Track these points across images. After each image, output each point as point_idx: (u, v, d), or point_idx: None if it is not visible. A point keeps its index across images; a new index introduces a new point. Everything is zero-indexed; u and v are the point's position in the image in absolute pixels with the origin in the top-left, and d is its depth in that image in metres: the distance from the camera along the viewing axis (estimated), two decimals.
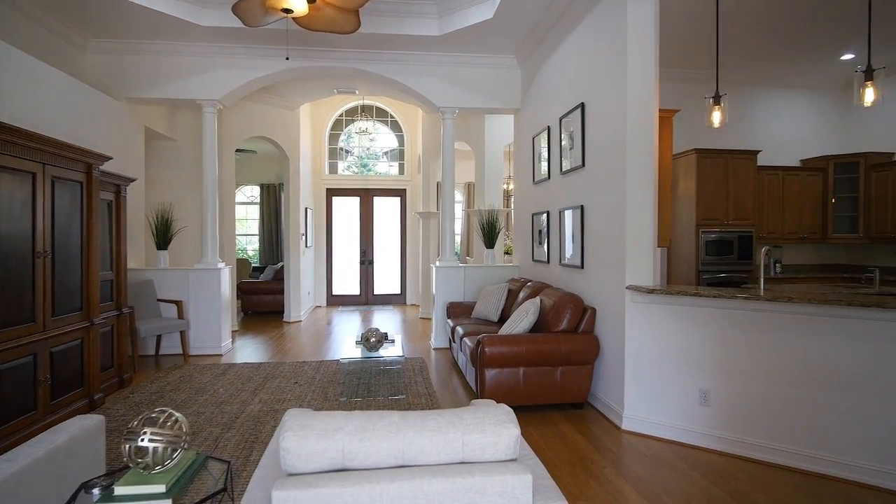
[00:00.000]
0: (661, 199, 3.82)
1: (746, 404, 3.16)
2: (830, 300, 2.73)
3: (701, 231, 6.37)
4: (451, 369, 5.37)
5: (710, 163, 6.41)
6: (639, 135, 3.59)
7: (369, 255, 10.54)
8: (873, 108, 7.06)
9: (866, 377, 2.80)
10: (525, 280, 5.59)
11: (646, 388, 3.55)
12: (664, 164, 3.84)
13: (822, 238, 7.04)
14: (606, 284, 3.92)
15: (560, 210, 4.90)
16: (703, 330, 3.30)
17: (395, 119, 10.60)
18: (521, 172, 6.55)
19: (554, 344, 3.87)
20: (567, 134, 4.73)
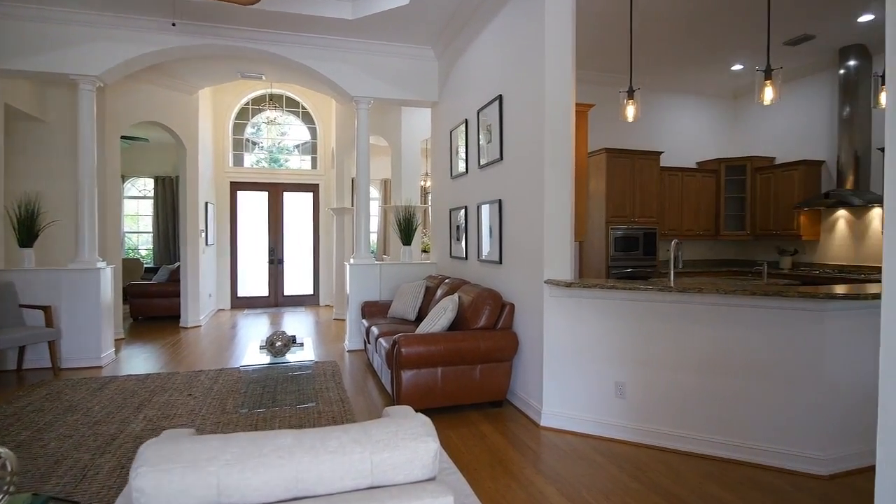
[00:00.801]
0: (577, 192, 3.82)
1: (659, 395, 3.21)
2: (737, 290, 2.82)
3: (610, 227, 6.59)
4: (367, 372, 5.10)
5: (618, 162, 6.65)
6: (556, 127, 3.55)
7: (279, 254, 9.91)
8: (757, 117, 7.73)
9: (768, 363, 2.93)
10: (443, 277, 5.45)
11: (564, 382, 3.52)
12: (580, 158, 3.85)
13: (715, 235, 7.57)
14: (525, 279, 3.86)
15: (478, 205, 4.79)
16: (618, 322, 3.32)
17: (307, 110, 10.06)
18: (438, 167, 6.41)
19: (473, 341, 3.74)
20: (485, 127, 4.63)
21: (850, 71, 6.20)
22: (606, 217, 6.59)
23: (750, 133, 7.84)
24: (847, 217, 6.47)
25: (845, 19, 5.46)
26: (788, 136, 7.23)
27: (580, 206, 3.87)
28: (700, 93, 7.86)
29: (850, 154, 6.20)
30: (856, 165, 6.17)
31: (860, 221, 6.32)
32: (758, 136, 7.70)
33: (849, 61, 6.20)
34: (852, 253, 6.40)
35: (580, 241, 4.95)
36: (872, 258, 6.17)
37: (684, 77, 7.36)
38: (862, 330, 2.90)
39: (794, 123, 7.16)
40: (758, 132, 7.70)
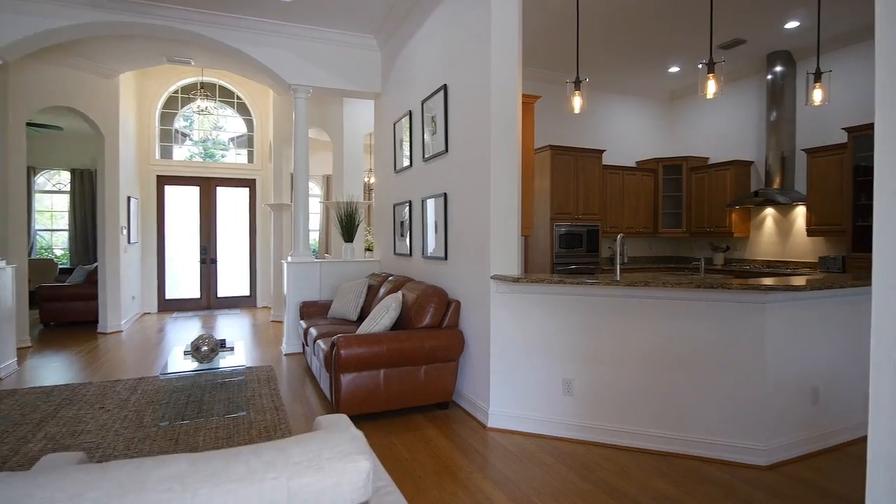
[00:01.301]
0: (524, 185, 3.73)
1: (607, 391, 3.16)
2: (683, 283, 2.80)
3: (555, 224, 6.60)
4: (305, 376, 4.80)
5: (562, 160, 6.67)
6: (503, 117, 3.44)
7: (212, 253, 9.32)
8: (692, 118, 8.01)
9: (712, 355, 2.93)
10: (387, 275, 5.23)
11: (511, 381, 3.40)
12: (527, 150, 3.76)
13: (653, 232, 7.77)
14: (471, 275, 3.72)
15: (423, 199, 4.62)
16: (566, 318, 3.24)
17: (242, 101, 9.53)
18: (381, 161, 6.18)
19: (417, 341, 3.56)
20: (429, 119, 4.47)
21: (776, 76, 6.51)
22: (551, 214, 6.59)
23: (685, 134, 8.12)
24: (774, 215, 6.79)
25: (773, 25, 5.71)
26: (720, 138, 7.53)
27: (527, 200, 3.78)
28: (639, 94, 8.06)
29: (777, 155, 6.51)
30: (782, 166, 6.48)
31: (786, 219, 6.66)
32: (692, 137, 7.99)
33: (775, 67, 6.51)
34: (779, 249, 6.73)
35: (527, 235, 4.88)
36: (797, 254, 6.51)
37: (624, 78, 7.51)
38: (798, 321, 2.96)
39: (725, 125, 7.46)
40: (692, 133, 7.99)
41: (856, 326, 3.21)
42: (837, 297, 3.12)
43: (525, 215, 3.77)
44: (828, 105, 6.16)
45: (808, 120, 6.39)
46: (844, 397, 3.18)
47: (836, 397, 3.14)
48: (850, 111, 5.93)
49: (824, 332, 3.07)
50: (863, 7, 5.21)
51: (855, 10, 5.29)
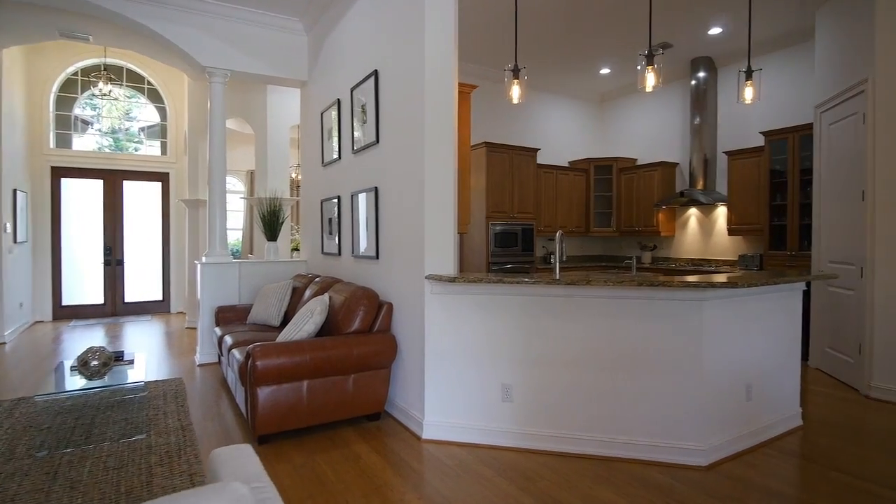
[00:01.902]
0: (460, 178, 3.52)
1: (547, 395, 3.01)
2: (624, 281, 2.69)
3: (490, 223, 6.48)
4: (221, 390, 4.34)
5: (498, 157, 6.56)
6: (438, 106, 3.21)
7: (117, 253, 8.43)
8: (621, 120, 8.19)
9: (652, 355, 2.85)
10: (313, 276, 4.86)
11: (447, 388, 3.18)
12: (463, 142, 3.55)
13: (585, 231, 7.87)
14: (404, 276, 3.46)
15: (352, 194, 4.30)
16: (505, 319, 3.06)
17: (154, 87, 8.71)
18: (308, 155, 5.77)
19: (345, 348, 3.25)
20: (359, 107, 4.16)
21: (699, 82, 6.75)
22: (487, 212, 6.46)
23: (615, 135, 8.29)
24: (698, 215, 7.05)
25: (697, 31, 5.88)
26: (648, 140, 7.74)
27: (464, 195, 3.58)
28: (571, 95, 8.14)
29: (700, 157, 6.74)
30: (705, 168, 6.73)
31: (708, 219, 6.92)
32: (622, 138, 8.17)
33: (699, 73, 6.75)
34: (702, 247, 6.99)
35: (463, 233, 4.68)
36: (719, 252, 6.78)
37: (558, 78, 7.54)
38: (733, 318, 2.95)
39: (652, 128, 7.67)
40: (622, 135, 8.17)
41: (783, 321, 3.27)
42: (767, 293, 3.15)
43: (462, 211, 3.57)
44: (746, 110, 6.45)
45: (728, 124, 6.68)
46: (774, 392, 3.22)
47: (766, 392, 3.17)
48: (767, 116, 6.24)
49: (755, 329, 3.08)
50: (778, 18, 5.47)
51: (772, 21, 5.55)
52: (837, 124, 4.55)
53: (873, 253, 4.01)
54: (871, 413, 3.66)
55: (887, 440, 3.16)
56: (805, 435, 3.24)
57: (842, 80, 4.48)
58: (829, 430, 3.31)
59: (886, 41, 3.91)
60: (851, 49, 4.33)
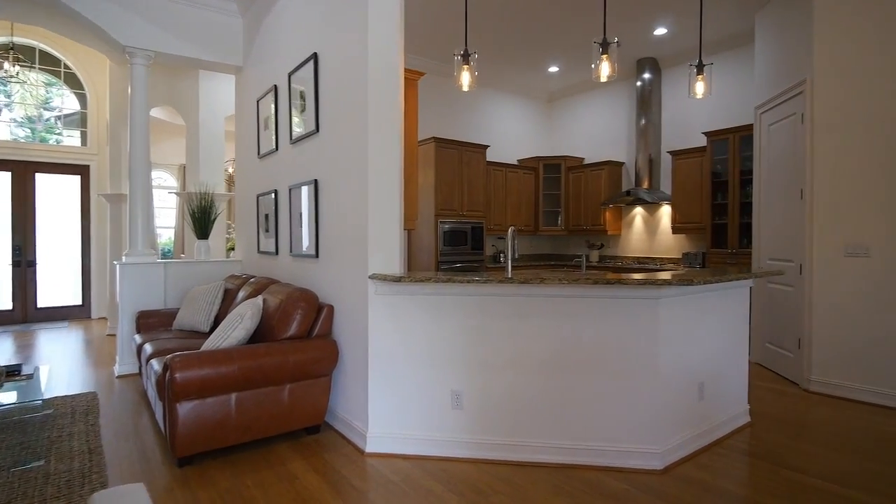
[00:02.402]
0: (407, 171, 3.29)
1: (500, 401, 2.83)
2: (580, 280, 2.55)
3: (439, 221, 6.28)
4: (141, 404, 3.90)
5: (447, 153, 6.38)
6: (382, 92, 2.96)
7: (28, 254, 7.61)
8: (569, 119, 8.20)
9: (608, 356, 2.73)
10: (248, 276, 4.48)
11: (393, 397, 2.94)
12: (409, 132, 3.33)
13: (534, 230, 7.82)
14: (346, 275, 3.19)
15: (290, 188, 3.98)
16: (454, 321, 2.86)
17: (72, 71, 7.93)
18: (244, 146, 5.36)
19: (280, 356, 2.95)
20: (298, 94, 3.85)
21: (645, 83, 6.83)
22: (435, 210, 6.26)
23: (563, 134, 8.30)
24: (643, 213, 7.14)
25: (643, 31, 5.93)
26: (595, 139, 7.79)
27: (410, 188, 3.35)
28: (520, 92, 8.08)
29: (646, 157, 6.83)
30: (650, 167, 6.82)
31: (653, 217, 7.02)
32: (570, 137, 8.19)
33: (644, 74, 6.83)
34: (647, 245, 7.08)
35: (410, 229, 4.43)
36: (663, 250, 6.89)
37: (507, 75, 7.45)
38: (686, 316, 2.88)
39: (599, 127, 7.73)
40: (570, 134, 8.19)
41: (732, 318, 3.25)
42: (718, 290, 3.12)
43: (409, 206, 3.35)
44: (690, 111, 6.58)
45: (673, 124, 6.80)
46: (724, 389, 3.20)
47: (717, 390, 3.13)
48: (710, 117, 6.38)
49: (707, 326, 3.04)
50: (719, 21, 5.58)
51: (713, 24, 5.66)
52: (777, 125, 4.66)
53: (812, 250, 4.11)
54: (813, 407, 3.73)
55: (831, 435, 3.20)
56: (754, 432, 3.23)
57: (781, 81, 4.59)
58: (776, 427, 3.32)
59: (824, 43, 4.01)
60: (790, 51, 4.44)
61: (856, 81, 3.86)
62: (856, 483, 2.56)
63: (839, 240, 3.96)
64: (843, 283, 3.94)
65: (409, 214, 3.33)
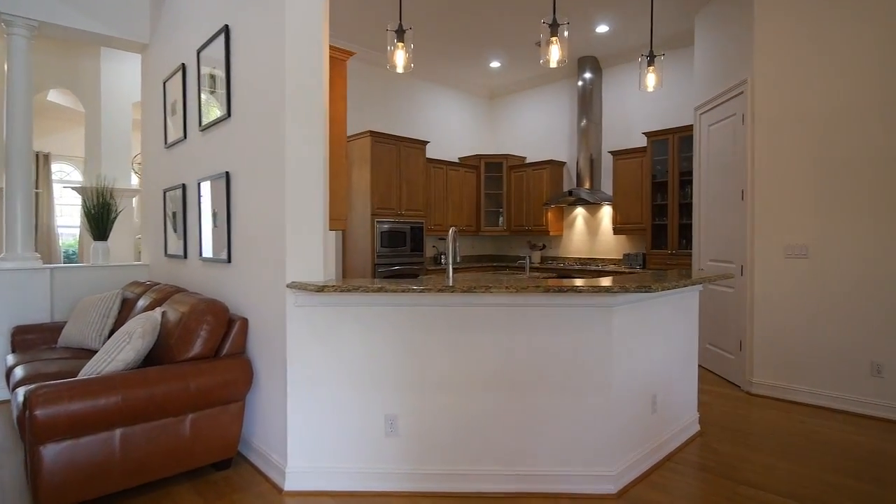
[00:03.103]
0: (333, 163, 2.89)
1: (439, 425, 2.50)
2: (529, 287, 2.26)
3: (376, 221, 5.88)
4: (13, 438, 3.25)
5: (384, 148, 5.99)
6: (303, 69, 2.55)
7: None
8: (510, 117, 8.00)
9: (559, 371, 2.46)
10: (152, 284, 3.90)
11: (317, 425, 2.54)
12: (337, 119, 2.92)
13: (476, 230, 7.58)
14: (263, 284, 2.75)
15: (199, 181, 3.46)
16: (388, 335, 2.49)
17: None
18: (150, 134, 4.73)
19: (178, 381, 2.47)
20: (207, 73, 3.34)
21: (586, 83, 6.74)
22: (372, 209, 5.86)
23: (505, 132, 8.12)
24: (584, 214, 7.07)
25: (585, 28, 5.80)
26: (537, 138, 7.65)
27: (339, 183, 2.95)
28: (461, 88, 7.81)
29: (587, 157, 6.74)
30: (591, 167, 6.74)
31: (594, 218, 6.96)
32: (511, 135, 8.01)
33: (585, 73, 6.74)
34: (589, 246, 7.01)
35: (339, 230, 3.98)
36: (604, 251, 6.83)
37: (447, 69, 7.15)
38: (639, 323, 2.67)
39: (541, 126, 7.59)
40: (511, 132, 8.01)
41: (683, 323, 3.10)
42: (672, 295, 2.94)
43: (337, 203, 2.94)
44: (630, 111, 6.55)
45: (613, 124, 6.75)
46: (676, 399, 3.03)
47: (669, 401, 2.96)
48: (650, 117, 6.37)
49: (660, 333, 2.85)
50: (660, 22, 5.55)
51: (655, 24, 5.62)
52: (717, 125, 4.63)
53: (752, 251, 4.08)
54: (758, 411, 3.67)
55: (781, 444, 3.11)
56: (705, 442, 3.09)
57: (721, 82, 4.56)
58: (726, 436, 3.20)
59: (764, 44, 3.98)
60: (730, 51, 4.41)
61: (795, 82, 3.85)
62: (818, 498, 2.44)
63: (779, 241, 3.94)
64: (783, 284, 3.92)
65: (338, 213, 2.93)
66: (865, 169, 3.54)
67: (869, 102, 3.52)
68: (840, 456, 2.91)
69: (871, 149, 3.51)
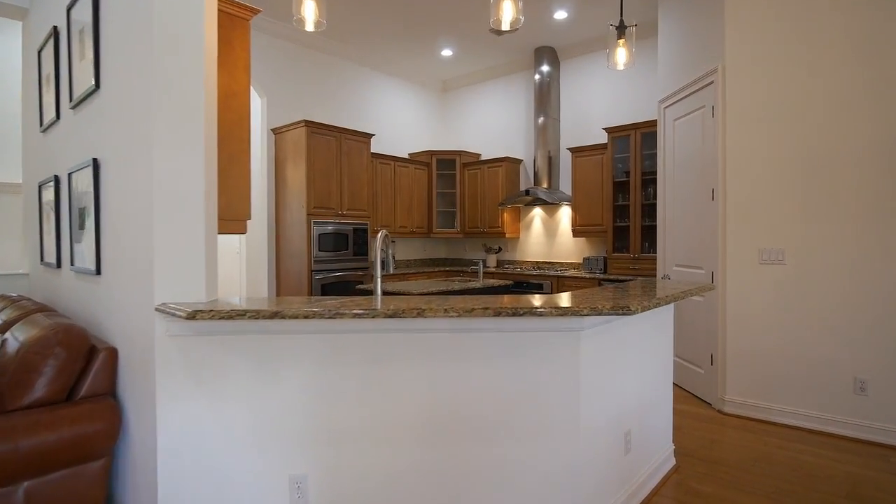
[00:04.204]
0: (229, 148, 2.28)
1: (362, 486, 1.93)
2: (476, 309, 1.73)
3: (313, 222, 5.25)
4: None
5: (322, 140, 5.36)
6: (176, 24, 1.93)
7: None
8: (464, 112, 7.49)
9: (515, 411, 1.95)
10: (18, 299, 3.15)
11: (199, 495, 1.92)
12: (234, 92, 2.31)
13: (428, 232, 7.04)
14: (132, 304, 2.10)
15: (70, 172, 2.76)
16: (293, 373, 1.91)
17: None
18: (28, 116, 3.94)
19: (6, 438, 1.80)
20: (78, 35, 2.65)
21: (543, 77, 6.31)
22: (308, 209, 5.22)
23: (458, 127, 7.62)
24: (542, 215, 6.65)
25: (542, 14, 5.37)
26: (492, 133, 7.19)
27: (237, 173, 2.33)
28: (411, 79, 7.25)
29: (545, 154, 6.32)
30: (549, 165, 6.32)
31: (552, 219, 6.55)
32: (465, 131, 7.53)
33: (542, 66, 6.31)
34: (547, 249, 6.60)
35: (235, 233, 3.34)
36: (564, 254, 6.43)
37: (394, 57, 6.58)
38: (611, 347, 2.20)
39: (496, 121, 7.14)
40: (465, 127, 7.52)
41: (658, 343, 2.66)
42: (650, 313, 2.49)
43: (234, 199, 2.33)
44: (590, 105, 6.17)
45: (572, 119, 6.36)
46: (651, 434, 2.58)
47: (644, 437, 2.51)
48: (611, 112, 6.00)
49: (633, 357, 2.39)
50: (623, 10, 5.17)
51: (615, 14, 5.25)
52: (683, 119, 4.27)
53: (724, 256, 3.72)
54: (734, 434, 3.29)
55: (765, 476, 2.72)
56: (682, 481, 2.66)
57: (688, 72, 4.20)
58: (705, 470, 2.78)
59: (736, 29, 3.62)
60: (698, 39, 4.05)
61: (770, 70, 3.50)
62: None
63: (753, 245, 3.59)
64: (757, 292, 3.57)
65: (236, 212, 2.31)
66: (848, 166, 3.22)
67: (853, 93, 3.20)
68: (831, 493, 2.53)
69: (855, 144, 3.19)
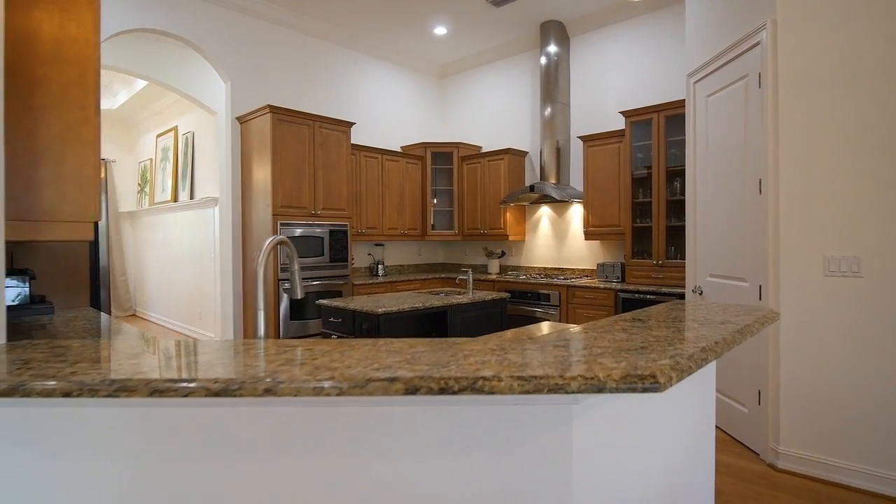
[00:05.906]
0: (69, 115, 1.55)
1: None
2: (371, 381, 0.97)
3: (280, 223, 4.54)
4: None
5: (291, 129, 4.64)
6: None
7: None
8: (463, 100, 6.69)
9: None
10: None
11: None
12: (73, 35, 1.58)
13: (422, 235, 6.30)
14: None
15: None
16: (115, 467, 1.17)
17: None
18: None
19: None
20: None
21: (550, 58, 5.51)
22: (274, 208, 4.51)
23: (456, 117, 6.86)
24: (550, 214, 5.84)
25: None
26: (493, 123, 6.41)
27: (68, 150, 1.60)
28: (402, 63, 6.51)
29: (553, 145, 5.52)
30: (558, 158, 5.52)
31: (562, 219, 5.74)
32: (463, 120, 6.76)
33: (549, 45, 5.51)
34: (556, 254, 5.79)
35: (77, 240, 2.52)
36: (574, 260, 5.62)
37: (382, 37, 5.85)
38: (620, 419, 1.41)
39: (498, 109, 6.36)
40: (463, 116, 6.76)
41: (695, 396, 1.85)
42: None
43: (70, 190, 1.61)
44: (605, 85, 5.35)
45: (584, 104, 5.54)
46: None
47: None
48: (629, 93, 5.18)
49: (657, 424, 1.60)
50: None
51: None
52: (719, 94, 3.44)
53: (776, 266, 2.88)
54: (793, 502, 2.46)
55: None
56: None
57: (725, 34, 3.37)
58: None
59: None
60: None
61: (840, 22, 2.66)
62: None
63: (817, 251, 2.75)
64: (822, 313, 2.73)
65: (73, 211, 1.56)
66: None
67: None
68: None
69: None
